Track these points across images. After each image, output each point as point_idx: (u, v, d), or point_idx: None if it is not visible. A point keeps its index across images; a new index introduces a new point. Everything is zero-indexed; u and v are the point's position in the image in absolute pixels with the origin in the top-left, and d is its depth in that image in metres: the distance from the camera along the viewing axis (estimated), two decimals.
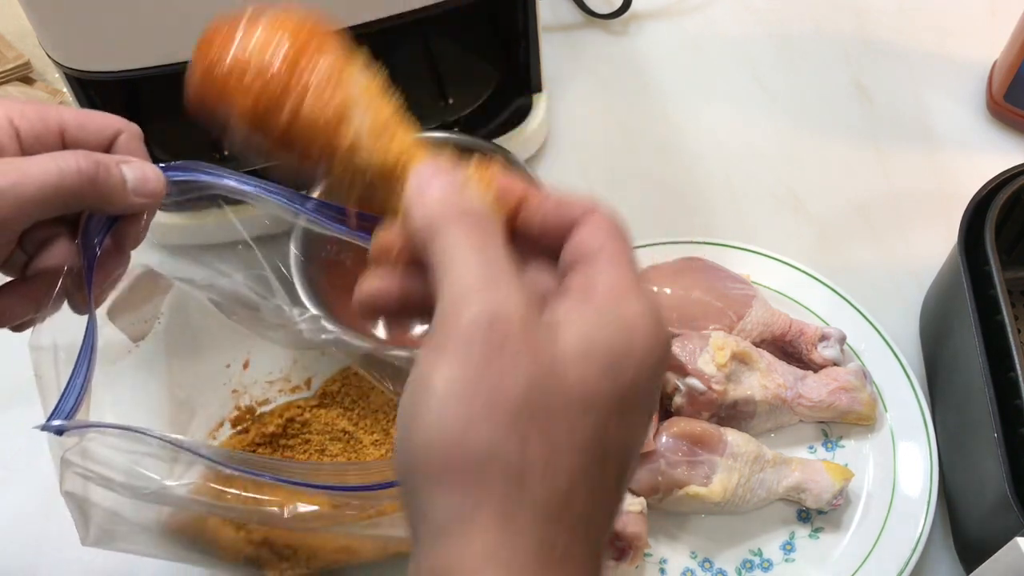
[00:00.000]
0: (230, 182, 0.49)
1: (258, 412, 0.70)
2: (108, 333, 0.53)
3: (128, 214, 0.47)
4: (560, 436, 0.30)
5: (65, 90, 0.72)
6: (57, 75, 0.68)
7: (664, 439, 0.65)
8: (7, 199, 0.42)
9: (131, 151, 0.48)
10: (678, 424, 0.66)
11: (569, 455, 0.30)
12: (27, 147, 0.45)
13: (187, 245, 0.80)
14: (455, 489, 0.29)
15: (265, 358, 0.71)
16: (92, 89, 0.68)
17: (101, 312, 0.49)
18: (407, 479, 0.31)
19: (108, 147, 0.48)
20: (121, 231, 0.48)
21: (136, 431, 0.48)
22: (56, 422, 0.45)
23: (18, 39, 0.92)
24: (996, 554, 0.51)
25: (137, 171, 0.46)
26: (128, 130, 0.48)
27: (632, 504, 0.64)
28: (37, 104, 0.47)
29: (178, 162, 0.48)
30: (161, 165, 0.48)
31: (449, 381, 0.30)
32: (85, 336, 0.47)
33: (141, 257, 0.53)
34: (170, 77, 0.64)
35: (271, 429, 0.69)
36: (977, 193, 0.68)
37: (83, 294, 0.47)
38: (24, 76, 0.91)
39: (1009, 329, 0.61)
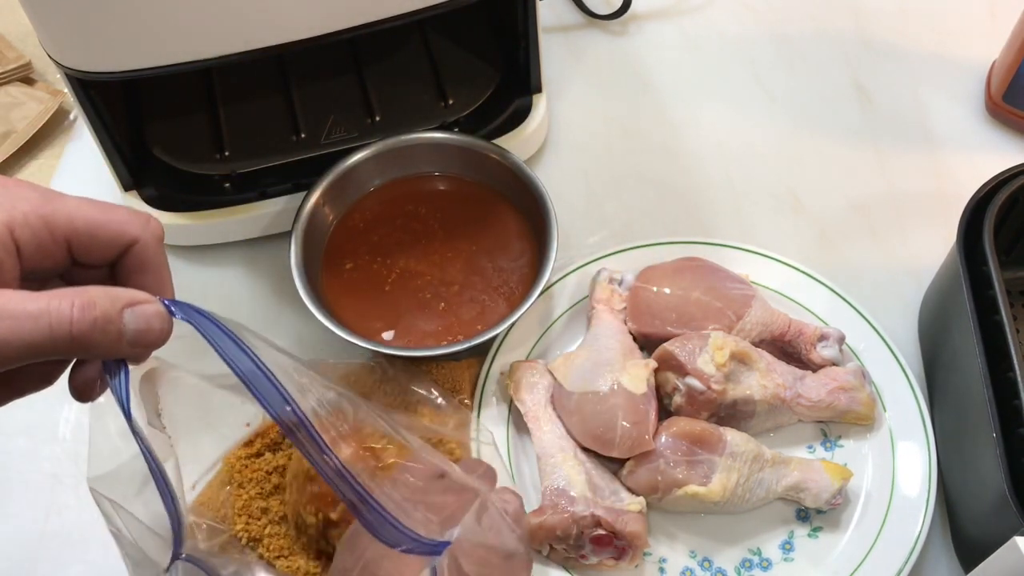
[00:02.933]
0: (228, 352, 0.43)
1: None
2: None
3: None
4: None
5: (66, 90, 0.72)
6: (58, 75, 0.68)
7: (663, 439, 0.66)
8: None
9: (146, 264, 0.44)
10: (677, 424, 0.66)
11: None
12: (27, 260, 0.41)
13: (187, 245, 0.80)
14: None
15: None
16: (92, 89, 0.68)
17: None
18: None
19: (122, 254, 0.43)
20: None
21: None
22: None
23: (19, 40, 0.92)
24: (995, 553, 0.51)
25: (140, 321, 0.41)
26: (144, 238, 0.43)
27: (632, 503, 0.64)
28: (45, 203, 0.41)
29: (186, 307, 0.43)
30: (171, 307, 0.43)
31: None
32: (149, 464, 0.45)
33: None
34: (170, 77, 0.65)
35: (274, 436, 0.69)
36: (976, 193, 0.68)
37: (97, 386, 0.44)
38: (25, 77, 0.91)
39: (1008, 329, 0.61)
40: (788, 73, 0.92)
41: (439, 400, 0.69)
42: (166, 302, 0.43)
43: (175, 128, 0.81)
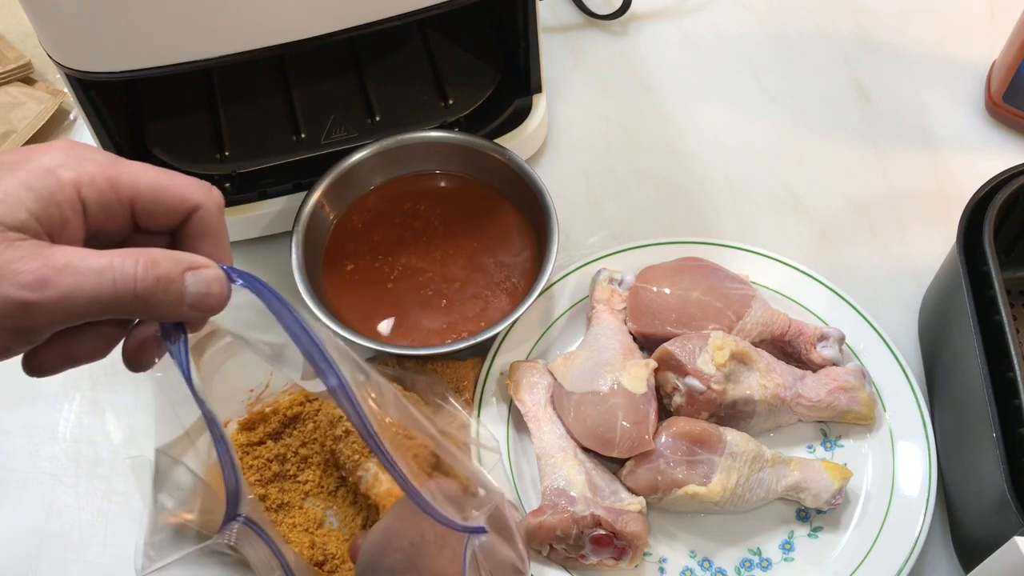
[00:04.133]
0: (286, 319, 0.44)
1: (267, 411, 0.71)
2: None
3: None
4: None
5: (66, 90, 0.72)
6: (58, 75, 0.68)
7: (664, 439, 0.66)
8: (54, 310, 0.38)
9: (207, 230, 0.44)
10: (677, 424, 0.66)
11: None
12: (92, 220, 0.41)
13: None
14: None
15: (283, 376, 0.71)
16: (92, 89, 0.68)
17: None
18: None
19: (183, 221, 0.44)
20: None
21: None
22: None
23: (19, 40, 0.92)
24: (995, 553, 0.51)
25: (201, 284, 0.41)
26: (206, 205, 0.44)
27: (632, 503, 0.64)
28: (111, 165, 0.42)
29: (247, 275, 0.44)
30: (231, 273, 0.43)
31: None
32: (211, 428, 0.46)
33: None
34: (170, 77, 0.65)
35: (276, 426, 0.70)
36: (976, 193, 0.68)
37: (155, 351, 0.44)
38: (25, 77, 0.91)
39: (1008, 329, 0.61)
40: (788, 73, 0.92)
41: (440, 401, 0.69)
42: (226, 268, 0.43)
43: (175, 128, 0.81)
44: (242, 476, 0.50)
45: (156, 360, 0.45)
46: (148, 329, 0.44)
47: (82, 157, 0.41)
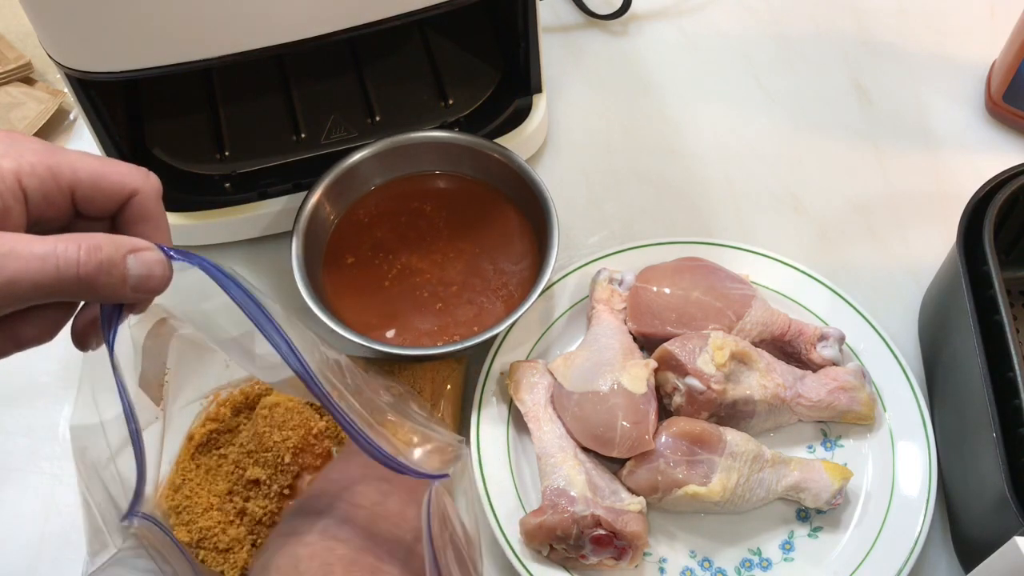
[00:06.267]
0: (230, 290, 0.46)
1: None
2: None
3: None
4: None
5: (66, 90, 0.72)
6: (58, 75, 0.68)
7: (664, 439, 0.66)
8: None
9: (146, 214, 0.46)
10: (677, 424, 0.66)
11: None
12: (33, 208, 0.42)
13: (187, 245, 0.80)
14: None
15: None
16: (92, 89, 0.68)
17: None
18: None
19: (123, 206, 0.45)
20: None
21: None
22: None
23: (19, 40, 0.92)
24: (995, 553, 0.51)
25: (143, 267, 0.43)
26: (144, 189, 0.45)
27: (632, 503, 0.64)
28: (50, 154, 0.43)
29: (187, 253, 0.45)
30: (171, 253, 0.45)
31: None
32: (126, 415, 0.47)
33: None
34: (170, 77, 0.65)
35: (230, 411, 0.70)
36: (976, 193, 0.68)
37: (94, 336, 0.45)
38: (25, 77, 0.91)
39: (1008, 329, 0.61)
40: (788, 73, 0.92)
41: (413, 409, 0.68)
42: (167, 250, 0.45)
43: (175, 128, 0.81)
44: (147, 475, 0.50)
45: (98, 346, 0.46)
46: (95, 311, 0.45)
47: (21, 147, 0.43)
